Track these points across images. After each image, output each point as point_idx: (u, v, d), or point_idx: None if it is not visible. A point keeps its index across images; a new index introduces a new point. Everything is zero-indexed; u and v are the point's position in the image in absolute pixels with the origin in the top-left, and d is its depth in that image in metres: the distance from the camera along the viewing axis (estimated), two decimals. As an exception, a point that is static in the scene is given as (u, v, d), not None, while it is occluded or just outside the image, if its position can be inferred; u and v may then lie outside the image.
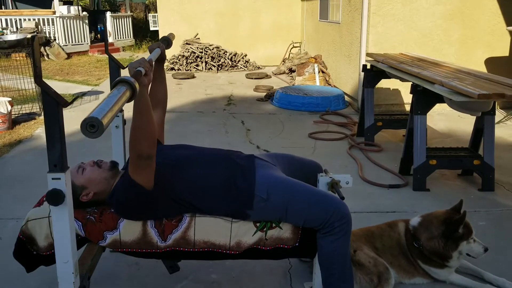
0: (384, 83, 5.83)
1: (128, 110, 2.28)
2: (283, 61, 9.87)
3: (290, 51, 10.13)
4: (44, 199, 2.00)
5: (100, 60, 10.82)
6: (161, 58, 2.26)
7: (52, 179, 1.54)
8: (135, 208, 1.86)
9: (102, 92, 7.08)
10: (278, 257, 2.02)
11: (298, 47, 10.18)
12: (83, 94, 6.70)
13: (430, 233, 2.24)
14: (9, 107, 4.79)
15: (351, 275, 1.95)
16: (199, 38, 9.74)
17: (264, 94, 7.06)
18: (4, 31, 10.84)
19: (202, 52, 9.37)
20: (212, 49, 9.49)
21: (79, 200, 1.94)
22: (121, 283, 2.33)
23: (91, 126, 1.12)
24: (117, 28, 13.17)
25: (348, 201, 3.26)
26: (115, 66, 2.33)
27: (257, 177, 1.95)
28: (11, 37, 8.10)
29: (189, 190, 1.89)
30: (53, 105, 1.47)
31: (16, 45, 7.33)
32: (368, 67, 4.79)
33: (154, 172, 1.81)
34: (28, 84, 5.70)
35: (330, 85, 7.52)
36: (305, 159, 2.37)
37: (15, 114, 5.04)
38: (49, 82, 2.07)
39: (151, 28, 12.61)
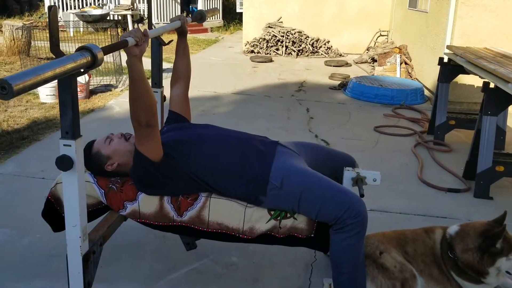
0: (467, 80, 5.38)
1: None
2: (367, 49, 9.50)
3: (376, 39, 9.72)
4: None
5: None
6: (182, 31, 2.26)
7: (64, 145, 1.60)
8: (146, 181, 1.90)
9: (179, 70, 7.31)
10: (291, 245, 1.96)
11: (385, 35, 9.72)
12: (161, 71, 6.96)
13: (466, 245, 2.04)
14: (87, 78, 5.12)
15: (363, 276, 1.84)
16: (282, 22, 9.67)
17: (339, 82, 6.86)
18: (104, 6, 11.57)
19: (283, 36, 9.30)
20: (294, 34, 9.37)
21: (104, 169, 2.02)
22: (144, 253, 2.41)
23: (2, 88, 1.14)
24: (207, 8, 13.48)
25: (397, 201, 3.13)
26: (156, 42, 2.37)
27: (274, 164, 1.89)
28: (96, 12, 8.64)
29: (202, 167, 1.89)
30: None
31: (99, 20, 7.81)
32: (445, 60, 4.44)
33: (159, 143, 1.83)
34: (109, 58, 6.05)
35: (412, 77, 7.11)
36: (338, 152, 2.26)
37: (93, 85, 5.38)
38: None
39: (237, 10, 12.75)
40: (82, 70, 1.51)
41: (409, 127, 4.85)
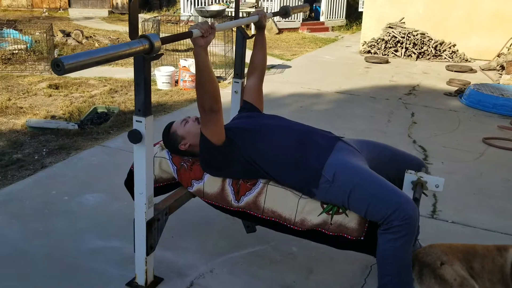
0: None
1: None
2: (498, 55, 8.70)
3: (510, 45, 8.85)
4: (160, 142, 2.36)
5: (305, 37, 11.30)
6: (259, 25, 2.35)
7: (136, 121, 1.82)
8: (210, 162, 2.05)
9: (289, 67, 7.46)
10: (339, 246, 1.97)
11: (522, 42, 8.82)
12: (271, 67, 7.17)
13: (536, 268, 1.86)
14: (199, 69, 5.49)
15: (408, 281, 1.79)
16: (404, 23, 9.29)
17: (456, 88, 6.43)
18: (229, 4, 12.18)
19: (403, 37, 8.94)
20: (416, 35, 8.95)
21: (178, 148, 2.22)
22: (212, 230, 2.58)
23: (57, 65, 1.31)
24: (331, 7, 13.44)
25: (486, 217, 2.91)
26: (240, 35, 2.51)
27: (329, 159, 1.92)
28: (213, 8, 9.09)
29: (261, 155, 1.99)
30: (139, 59, 1.73)
31: (216, 15, 8.23)
32: None
33: (222, 128, 1.97)
34: (221, 51, 6.43)
35: (544, 89, 6.38)
36: (405, 154, 2.19)
37: (205, 76, 5.74)
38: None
39: (359, 9, 12.49)
40: (154, 55, 1.70)
41: (526, 142, 4.40)
